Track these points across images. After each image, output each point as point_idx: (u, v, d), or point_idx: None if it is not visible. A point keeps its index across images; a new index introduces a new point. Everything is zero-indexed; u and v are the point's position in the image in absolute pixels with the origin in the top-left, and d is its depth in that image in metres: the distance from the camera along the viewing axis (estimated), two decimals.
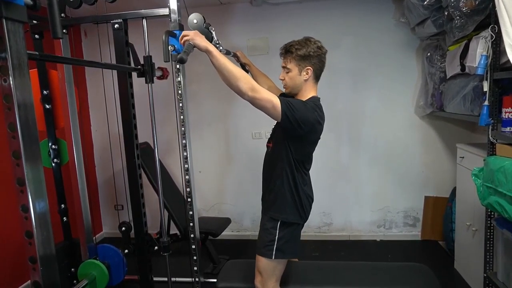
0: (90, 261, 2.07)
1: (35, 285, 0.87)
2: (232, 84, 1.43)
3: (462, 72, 2.24)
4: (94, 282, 2.03)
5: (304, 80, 1.67)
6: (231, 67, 1.42)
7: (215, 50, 1.44)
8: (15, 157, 0.83)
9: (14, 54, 0.81)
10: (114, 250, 2.11)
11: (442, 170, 3.21)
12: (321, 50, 1.69)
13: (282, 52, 1.74)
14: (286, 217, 1.69)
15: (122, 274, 2.11)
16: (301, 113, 1.51)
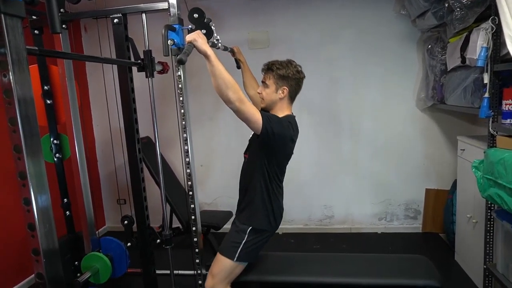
0: (93, 253, 2.08)
1: (38, 277, 0.89)
2: (222, 91, 1.49)
3: (463, 64, 2.23)
4: (98, 274, 2.04)
5: (279, 98, 1.77)
6: (225, 75, 1.48)
7: (213, 55, 1.48)
8: (16, 151, 0.84)
9: (13, 49, 0.82)
10: (117, 242, 2.12)
11: (443, 162, 3.21)
12: (299, 74, 1.80)
13: (264, 68, 1.83)
14: (258, 223, 1.77)
15: (125, 266, 2.12)
16: (278, 129, 1.62)
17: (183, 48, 1.88)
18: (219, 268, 1.78)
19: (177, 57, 1.40)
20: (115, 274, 2.11)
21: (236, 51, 2.23)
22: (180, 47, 1.83)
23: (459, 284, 2.47)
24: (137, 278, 2.39)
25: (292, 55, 3.21)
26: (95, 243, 2.13)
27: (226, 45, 2.13)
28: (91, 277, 2.01)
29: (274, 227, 1.83)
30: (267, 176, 1.74)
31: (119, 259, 2.11)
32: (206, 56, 1.47)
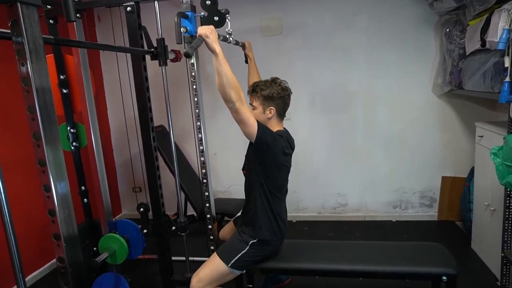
0: (110, 235, 2.12)
1: (59, 260, 0.92)
2: (225, 90, 1.50)
3: (483, 48, 2.16)
4: (114, 255, 2.09)
5: (267, 118, 1.81)
6: (230, 74, 1.49)
7: (221, 54, 1.48)
8: (36, 138, 0.85)
9: (30, 38, 0.83)
10: (133, 225, 2.16)
11: (460, 149, 3.15)
12: (284, 91, 1.81)
13: (249, 90, 1.86)
14: (262, 235, 1.80)
15: (140, 248, 2.16)
16: (270, 140, 1.66)
17: (196, 37, 1.88)
18: (209, 270, 1.78)
19: (183, 51, 1.39)
20: (131, 255, 2.15)
21: (247, 46, 2.26)
22: (193, 35, 1.83)
23: (476, 272, 2.44)
24: (153, 264, 2.45)
25: (305, 42, 3.21)
26: (112, 225, 2.18)
27: (237, 40, 2.13)
28: (109, 257, 2.06)
29: (280, 238, 1.86)
30: (266, 189, 1.78)
31: (135, 241, 2.14)
32: (215, 54, 1.48)
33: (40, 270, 2.78)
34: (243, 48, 2.26)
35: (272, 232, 1.82)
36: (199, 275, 1.78)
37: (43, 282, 2.72)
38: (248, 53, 2.27)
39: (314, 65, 3.24)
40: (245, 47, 2.25)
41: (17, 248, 0.94)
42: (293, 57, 3.26)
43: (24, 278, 0.90)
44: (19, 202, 2.56)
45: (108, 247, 2.09)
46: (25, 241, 2.62)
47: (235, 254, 1.78)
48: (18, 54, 0.83)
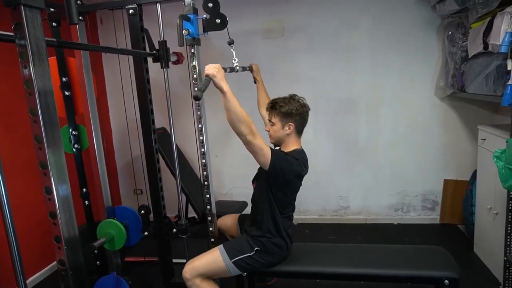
0: (108, 220, 2.09)
1: (60, 263, 0.91)
2: (235, 125, 1.55)
3: (485, 51, 2.16)
4: (113, 241, 2.06)
5: (286, 134, 1.82)
6: (239, 109, 1.52)
7: (229, 91, 1.51)
8: (37, 141, 0.85)
9: (33, 40, 0.83)
10: (131, 211, 2.14)
11: (462, 152, 3.14)
12: (303, 108, 1.83)
13: (268, 107, 1.87)
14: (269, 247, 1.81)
15: (139, 234, 2.14)
16: (286, 166, 1.69)
17: (198, 38, 1.89)
18: (206, 261, 1.79)
19: (192, 93, 1.38)
20: (130, 241, 2.12)
21: (255, 69, 2.26)
22: (195, 38, 1.83)
23: (478, 276, 2.42)
24: (154, 266, 2.44)
25: (308, 44, 3.21)
26: (110, 211, 2.15)
27: (244, 66, 2.12)
28: (107, 243, 2.03)
29: (285, 251, 1.88)
30: (274, 206, 1.79)
31: (134, 227, 2.12)
32: (222, 92, 1.51)
33: (41, 272, 2.78)
34: (251, 71, 2.26)
35: (277, 247, 1.83)
36: (194, 263, 1.79)
37: (44, 284, 2.72)
38: (256, 76, 2.27)
39: (317, 67, 3.23)
40: (253, 70, 2.25)
41: (18, 250, 0.94)
42: (295, 59, 3.26)
43: (25, 281, 0.90)
44: (21, 205, 2.56)
45: (106, 232, 2.06)
46: (27, 243, 2.62)
47: (240, 253, 1.79)
48: (21, 56, 0.83)
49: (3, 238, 0.94)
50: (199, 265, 1.77)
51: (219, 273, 1.84)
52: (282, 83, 3.29)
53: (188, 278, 1.76)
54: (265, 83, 2.32)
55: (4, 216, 0.97)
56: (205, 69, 1.52)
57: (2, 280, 2.32)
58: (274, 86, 3.29)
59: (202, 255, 1.84)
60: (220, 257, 1.78)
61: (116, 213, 2.16)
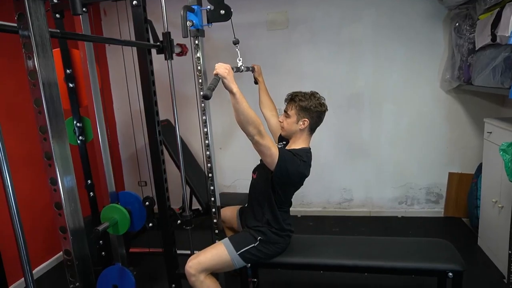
0: (112, 205, 2.07)
1: (66, 253, 0.92)
2: (244, 126, 1.55)
3: (493, 43, 2.13)
4: (116, 225, 2.04)
5: (299, 129, 1.82)
6: (248, 111, 1.52)
7: (238, 92, 1.50)
8: (42, 132, 0.85)
9: (36, 31, 0.83)
10: (135, 196, 2.12)
11: (468, 145, 3.12)
12: (322, 107, 1.81)
13: (287, 98, 1.87)
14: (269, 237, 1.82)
15: (143, 220, 2.12)
16: (292, 168, 1.69)
17: (202, 30, 1.87)
18: (211, 255, 1.79)
19: (202, 93, 1.36)
20: (133, 227, 2.12)
21: (256, 70, 2.24)
22: (199, 29, 1.82)
23: (482, 269, 2.42)
24: (158, 257, 2.46)
25: (312, 36, 3.18)
26: (114, 197, 2.14)
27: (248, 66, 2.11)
28: (110, 227, 2.02)
29: (287, 240, 1.90)
30: (273, 201, 1.80)
31: (137, 213, 2.10)
32: (232, 93, 1.50)
33: (47, 263, 2.81)
34: (253, 71, 2.24)
35: (278, 236, 1.84)
36: (199, 258, 1.78)
37: (50, 275, 2.76)
38: (257, 77, 2.26)
39: (321, 59, 3.21)
40: (255, 71, 2.24)
41: (24, 241, 0.95)
42: (299, 51, 3.24)
43: (31, 271, 0.90)
44: (26, 196, 2.58)
45: (110, 217, 2.04)
46: (32, 235, 2.65)
47: (245, 245, 1.80)
48: (24, 47, 0.82)
49: (9, 229, 0.95)
50: (204, 260, 1.78)
51: (224, 267, 1.85)
52: (285, 75, 3.28)
53: (193, 274, 1.75)
54: (268, 75, 2.31)
55: (10, 207, 0.98)
56: (215, 67, 1.49)
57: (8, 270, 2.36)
58: (277, 78, 3.29)
59: (206, 249, 1.84)
60: (225, 250, 1.79)
61: (119, 199, 2.14)
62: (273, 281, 2.41)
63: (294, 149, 1.80)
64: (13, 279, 2.43)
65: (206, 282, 1.77)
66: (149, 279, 2.47)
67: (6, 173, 0.93)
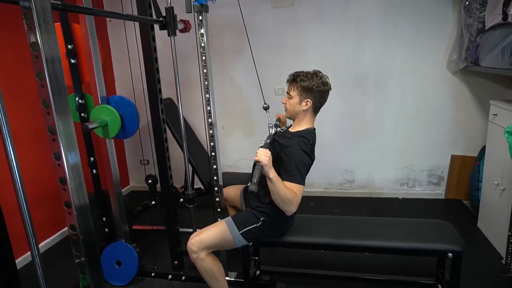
0: (102, 106, 1.95)
1: (71, 228, 0.93)
2: (280, 205, 1.61)
3: (504, 22, 2.08)
4: (107, 128, 1.95)
5: (303, 110, 1.78)
6: (283, 192, 1.56)
7: (275, 177, 1.54)
8: (45, 106, 0.84)
9: (37, 1, 0.80)
10: (127, 101, 2.02)
11: (472, 128, 3.09)
12: (324, 86, 1.76)
13: (289, 79, 1.82)
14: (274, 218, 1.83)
15: (135, 125, 2.03)
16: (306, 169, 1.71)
17: (206, 5, 1.83)
18: (213, 233, 1.81)
19: (248, 189, 1.42)
20: (125, 133, 2.04)
21: (282, 121, 2.15)
22: (203, 4, 1.78)
23: (481, 250, 2.45)
24: (161, 235, 2.49)
25: (318, 14, 3.11)
26: (104, 101, 2.01)
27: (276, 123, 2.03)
28: (100, 128, 1.92)
29: (290, 221, 1.92)
30: None
31: (130, 118, 2.01)
32: (269, 179, 1.54)
33: (52, 238, 2.85)
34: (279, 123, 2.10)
35: (281, 217, 1.83)
36: (201, 236, 1.80)
37: (54, 250, 2.80)
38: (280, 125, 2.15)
39: (327, 38, 3.15)
40: (280, 121, 2.13)
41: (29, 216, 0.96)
42: (304, 29, 3.17)
43: (37, 244, 0.91)
44: (30, 172, 2.59)
45: (100, 118, 1.92)
46: (37, 210, 2.67)
47: (248, 225, 1.81)
48: (25, 18, 0.80)
49: (15, 204, 0.95)
50: (206, 238, 1.79)
51: (225, 246, 1.87)
52: (290, 53, 3.23)
53: (195, 251, 1.78)
54: (273, 54, 2.28)
55: (14, 181, 0.98)
56: (256, 154, 1.51)
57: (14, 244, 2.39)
58: (282, 56, 3.24)
59: (208, 227, 1.85)
60: (227, 229, 1.80)
61: (110, 102, 2.02)
62: (274, 260, 2.45)
63: (299, 131, 1.78)
64: (19, 254, 2.48)
65: (206, 260, 1.80)
66: (152, 256, 2.50)
67: (10, 147, 0.93)
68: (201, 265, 1.80)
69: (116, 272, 2.27)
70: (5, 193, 2.13)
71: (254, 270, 2.09)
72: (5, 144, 0.96)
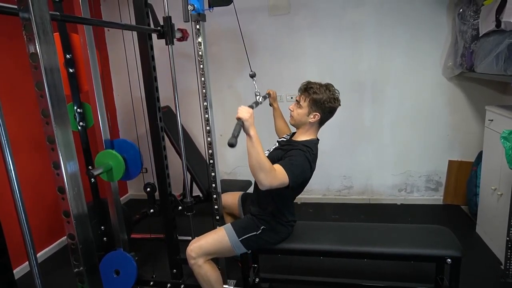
0: (106, 151, 1.99)
1: (70, 237, 0.93)
2: (256, 172, 1.48)
3: (497, 29, 2.11)
4: (111, 172, 1.98)
5: (309, 121, 1.78)
6: (261, 156, 1.46)
7: (255, 137, 1.47)
8: (44, 115, 0.85)
9: (36, 13, 0.81)
10: (130, 144, 2.05)
11: (468, 133, 3.11)
12: (335, 102, 1.77)
13: (301, 88, 1.80)
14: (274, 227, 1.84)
15: (139, 168, 2.05)
16: (302, 175, 1.66)
17: (204, 14, 1.85)
18: (212, 240, 1.81)
19: (228, 142, 1.33)
20: (129, 175, 2.06)
21: (272, 96, 2.20)
22: (200, 13, 1.80)
23: (480, 255, 2.45)
24: (160, 243, 2.48)
25: (315, 21, 3.14)
26: (108, 144, 2.06)
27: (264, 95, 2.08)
28: (104, 173, 1.96)
29: (289, 229, 1.91)
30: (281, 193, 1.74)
31: (133, 161, 2.03)
32: (249, 136, 1.47)
33: (50, 247, 2.84)
34: (268, 97, 2.19)
35: (282, 225, 1.86)
36: (200, 242, 1.80)
37: (53, 259, 2.78)
38: (273, 102, 2.22)
39: (323, 44, 3.18)
40: (270, 96, 2.19)
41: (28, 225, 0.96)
42: (301, 36, 3.20)
43: (36, 253, 0.91)
44: (28, 181, 2.59)
45: (105, 163, 1.97)
46: (34, 220, 2.66)
47: (247, 232, 1.81)
48: (25, 29, 0.81)
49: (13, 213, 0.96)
50: (205, 244, 1.79)
51: (224, 253, 1.87)
52: (287, 60, 3.26)
53: (193, 257, 1.78)
54: (271, 61, 2.30)
55: (12, 191, 0.98)
56: (237, 111, 1.48)
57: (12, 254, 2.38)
58: (279, 64, 3.27)
59: (208, 234, 1.85)
60: (226, 236, 1.80)
61: (114, 146, 2.06)
62: (272, 267, 2.44)
63: (303, 141, 1.78)
64: (17, 263, 2.46)
65: (204, 267, 1.79)
66: (150, 264, 2.49)
67: (9, 156, 0.93)
68: (199, 271, 1.80)
69: (115, 281, 2.26)
70: (3, 202, 2.13)
71: (253, 278, 2.08)
72: (3, 153, 0.97)
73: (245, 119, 1.45)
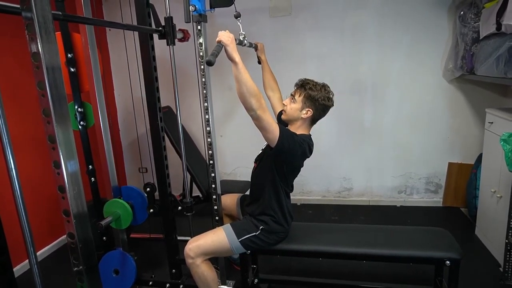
0: (114, 200, 2.10)
1: (70, 236, 0.93)
2: (245, 98, 1.49)
3: (498, 32, 2.11)
4: (119, 220, 2.07)
5: (302, 117, 1.80)
6: (250, 82, 1.48)
7: (241, 63, 1.47)
8: (45, 115, 0.85)
9: (39, 12, 0.82)
10: (137, 191, 2.15)
11: (468, 135, 3.11)
12: (328, 101, 1.80)
13: (298, 83, 1.84)
14: (272, 227, 1.84)
15: (145, 214, 2.16)
16: (292, 144, 1.66)
17: (205, 15, 1.85)
18: (211, 240, 1.81)
19: (205, 59, 1.34)
20: (136, 221, 2.15)
21: (259, 48, 2.21)
22: (201, 14, 1.80)
23: (480, 257, 2.45)
24: (159, 243, 2.48)
25: (315, 23, 3.15)
26: (116, 191, 2.16)
27: (251, 42, 2.09)
28: (113, 221, 2.05)
29: (287, 228, 1.91)
30: (277, 185, 1.80)
31: (140, 207, 2.13)
32: (234, 62, 1.47)
33: (50, 245, 2.84)
34: (256, 50, 2.22)
35: (280, 225, 1.85)
36: (198, 242, 1.80)
37: (53, 258, 2.79)
38: (260, 55, 2.23)
39: (323, 46, 3.19)
40: (257, 49, 2.21)
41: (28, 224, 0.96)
42: (302, 37, 3.21)
43: (35, 252, 0.92)
44: (29, 180, 2.59)
45: (113, 212, 2.07)
46: (34, 218, 2.67)
47: (246, 233, 1.81)
48: (27, 29, 0.82)
49: (13, 211, 0.96)
50: (204, 244, 1.80)
51: (222, 253, 1.88)
52: (288, 62, 3.26)
53: (191, 256, 1.78)
54: (271, 62, 2.30)
55: (13, 189, 0.99)
56: (218, 35, 1.47)
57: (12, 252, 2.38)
58: (280, 65, 3.26)
59: (206, 234, 1.85)
60: (225, 237, 1.80)
61: (122, 193, 2.17)
62: (272, 268, 2.44)
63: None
64: (17, 261, 2.46)
65: (201, 267, 1.80)
66: (149, 264, 2.49)
67: (10, 155, 0.94)
68: (196, 271, 1.80)
69: (114, 280, 2.26)
70: (4, 201, 2.13)
71: (252, 279, 2.09)
72: (5, 152, 0.97)
73: (226, 44, 1.45)
